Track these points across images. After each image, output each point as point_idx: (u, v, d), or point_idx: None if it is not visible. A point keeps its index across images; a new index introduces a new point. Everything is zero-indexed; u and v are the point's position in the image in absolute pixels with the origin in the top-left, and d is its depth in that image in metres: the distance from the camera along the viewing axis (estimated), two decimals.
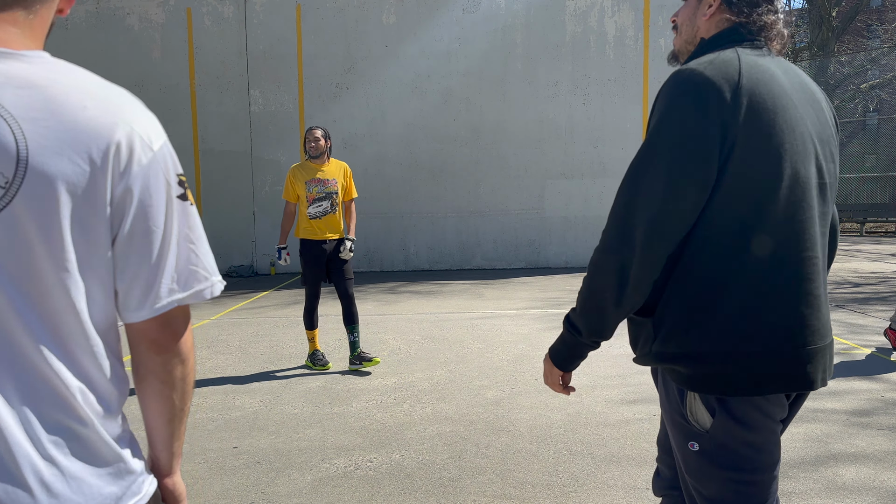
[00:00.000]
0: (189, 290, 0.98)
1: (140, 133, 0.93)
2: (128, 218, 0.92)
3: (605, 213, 12.34)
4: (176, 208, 0.97)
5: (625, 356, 5.58)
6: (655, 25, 12.10)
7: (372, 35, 12.09)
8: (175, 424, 1.07)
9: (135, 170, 0.91)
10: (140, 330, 0.98)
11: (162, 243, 0.95)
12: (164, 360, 1.01)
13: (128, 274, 0.94)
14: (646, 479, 3.24)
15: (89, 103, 0.89)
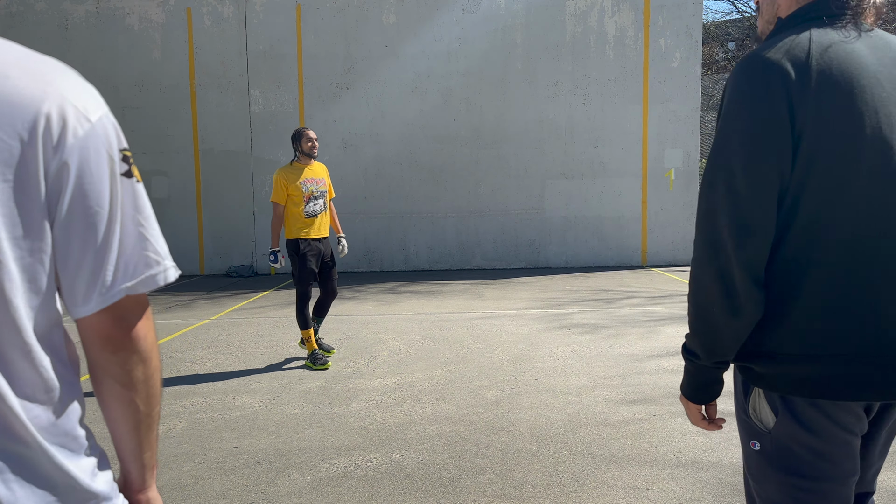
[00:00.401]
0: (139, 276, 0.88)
1: (74, 102, 0.83)
2: (65, 198, 0.82)
3: (605, 213, 12.40)
4: (121, 186, 0.87)
5: (625, 356, 5.58)
6: (655, 25, 12.10)
7: (372, 35, 12.09)
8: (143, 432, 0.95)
9: (69, 142, 0.81)
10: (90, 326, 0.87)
11: (107, 226, 0.85)
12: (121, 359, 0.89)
13: (70, 262, 0.84)
14: (646, 479, 3.24)
15: (14, 72, 0.80)
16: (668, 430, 3.87)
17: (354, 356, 5.78)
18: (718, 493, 3.08)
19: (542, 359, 5.55)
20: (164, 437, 3.94)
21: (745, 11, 31.62)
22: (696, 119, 12.28)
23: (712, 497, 3.04)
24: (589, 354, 5.67)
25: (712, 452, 3.54)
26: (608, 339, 6.26)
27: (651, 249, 12.42)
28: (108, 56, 12.00)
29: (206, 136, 12.27)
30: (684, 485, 3.17)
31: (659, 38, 12.12)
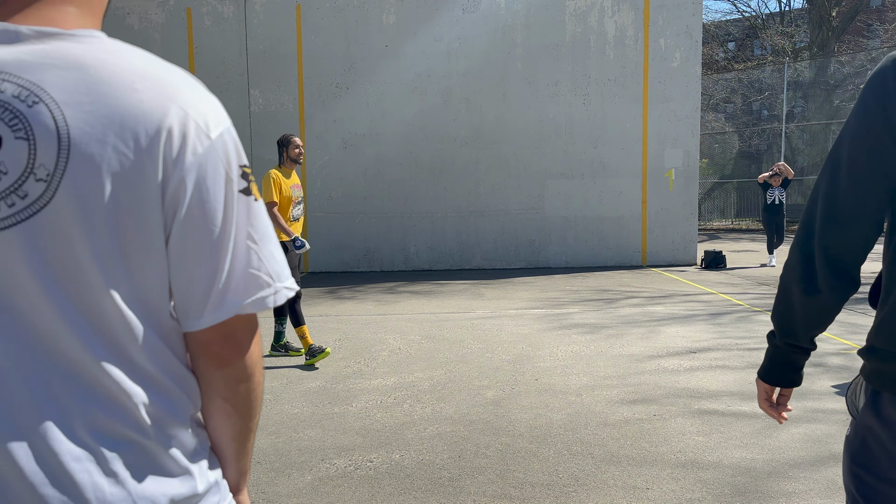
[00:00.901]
0: (250, 297, 0.86)
1: (195, 118, 0.83)
2: (181, 212, 0.82)
3: (605, 212, 12.41)
4: (237, 204, 0.86)
5: (625, 356, 5.58)
6: (655, 25, 12.10)
7: (372, 35, 12.09)
8: (240, 443, 0.97)
9: (189, 159, 0.82)
10: (199, 341, 0.88)
11: (220, 244, 0.84)
12: (226, 374, 0.90)
13: (183, 277, 0.84)
14: (646, 479, 3.24)
15: (140, 85, 0.80)
16: (668, 430, 3.87)
17: (354, 356, 5.78)
18: (718, 493, 3.08)
19: (542, 359, 5.55)
20: None
21: (745, 11, 31.61)
22: (696, 119, 12.28)
23: (712, 497, 3.04)
24: (589, 354, 5.67)
25: (712, 452, 3.54)
26: (608, 339, 6.26)
27: (651, 249, 12.42)
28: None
29: None
30: (684, 485, 3.17)
31: (659, 38, 12.11)
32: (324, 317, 7.68)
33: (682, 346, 5.93)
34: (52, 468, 0.78)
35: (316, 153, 12.28)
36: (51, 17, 0.82)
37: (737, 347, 5.82)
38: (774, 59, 27.55)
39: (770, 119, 26.26)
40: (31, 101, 0.77)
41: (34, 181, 0.77)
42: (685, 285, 9.77)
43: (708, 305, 7.99)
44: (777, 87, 24.59)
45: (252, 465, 3.50)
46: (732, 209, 25.48)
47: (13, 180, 0.76)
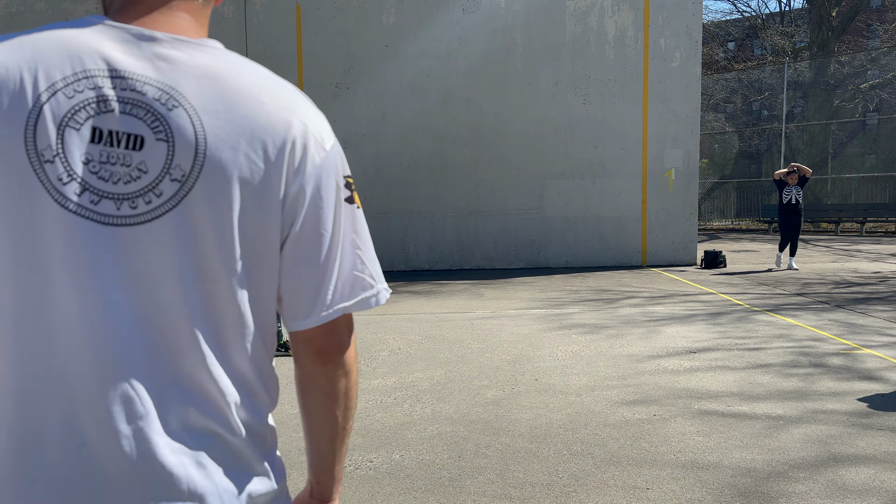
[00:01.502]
0: (355, 297, 0.93)
1: (313, 132, 0.89)
2: (299, 219, 0.87)
3: (605, 213, 12.41)
4: (344, 211, 0.92)
5: (625, 356, 5.57)
6: (655, 25, 12.10)
7: (372, 35, 12.08)
8: (338, 444, 1.00)
9: (308, 169, 0.87)
10: (306, 339, 0.93)
11: (329, 248, 0.90)
12: (329, 371, 0.95)
13: (294, 279, 0.90)
14: (646, 479, 3.23)
15: (267, 98, 0.86)
16: (668, 430, 3.86)
17: None
18: (718, 493, 3.07)
19: (542, 359, 5.55)
20: None
21: (745, 11, 31.62)
22: (696, 119, 12.28)
23: (712, 497, 3.04)
24: (589, 354, 5.67)
25: (712, 452, 3.54)
26: (608, 339, 6.26)
27: (651, 249, 12.41)
28: None
29: None
30: (684, 485, 3.16)
31: (659, 38, 12.11)
32: None
33: (682, 346, 5.93)
34: (149, 457, 0.81)
35: None
36: (176, 24, 0.86)
37: (737, 347, 5.82)
38: (774, 59, 27.55)
39: (770, 119, 26.26)
40: (171, 104, 0.81)
41: (169, 181, 0.81)
42: (685, 285, 9.77)
43: (708, 305, 7.99)
44: (777, 87, 24.59)
45: None
46: (732, 209, 25.48)
47: (152, 178, 0.81)
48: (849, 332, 6.38)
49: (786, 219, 11.37)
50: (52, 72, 0.80)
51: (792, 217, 11.31)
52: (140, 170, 0.80)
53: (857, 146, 25.52)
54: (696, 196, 12.54)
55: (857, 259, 12.94)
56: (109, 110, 0.80)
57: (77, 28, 0.84)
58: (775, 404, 4.29)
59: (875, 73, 25.08)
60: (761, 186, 24.60)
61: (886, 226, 19.71)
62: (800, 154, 24.19)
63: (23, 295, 0.80)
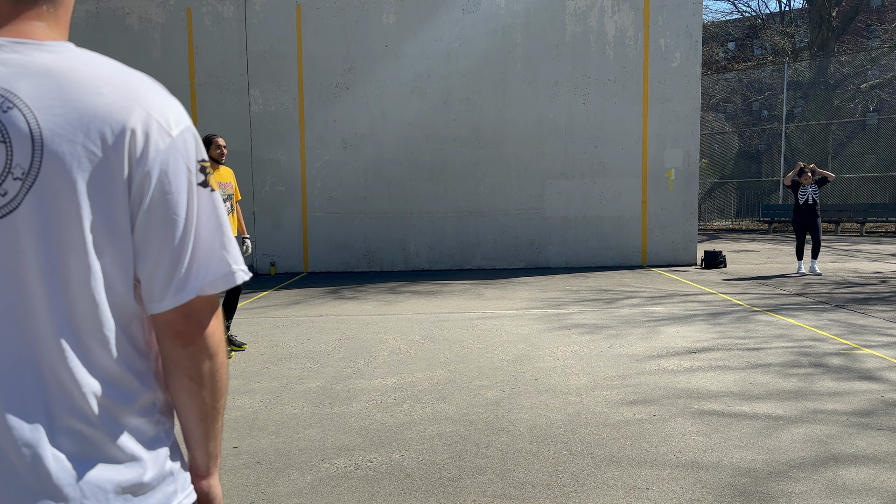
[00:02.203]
0: (210, 279, 0.95)
1: (157, 118, 0.91)
2: (145, 204, 0.90)
3: (605, 213, 12.41)
4: (197, 195, 0.94)
5: (625, 356, 5.58)
6: (655, 25, 12.10)
7: (372, 35, 12.09)
8: (208, 423, 1.02)
9: (152, 155, 0.89)
10: (164, 322, 0.95)
11: (183, 231, 0.92)
12: (190, 353, 0.96)
13: (148, 262, 0.92)
14: (646, 479, 3.24)
15: (105, 89, 0.88)
16: (668, 430, 3.87)
17: (354, 356, 5.78)
18: (718, 493, 3.08)
19: (542, 359, 5.55)
20: None
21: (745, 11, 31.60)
22: (696, 119, 12.28)
23: (712, 497, 3.04)
24: (589, 354, 5.67)
25: (712, 452, 3.54)
26: (608, 339, 6.26)
27: (651, 249, 12.41)
28: (107, 56, 11.98)
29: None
30: (684, 485, 3.17)
31: (659, 38, 12.11)
32: (324, 317, 7.68)
33: (682, 346, 5.93)
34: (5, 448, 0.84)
35: (316, 153, 12.28)
36: (22, 30, 0.89)
37: (737, 347, 5.82)
38: (774, 59, 27.54)
39: (770, 119, 26.26)
40: (6, 107, 0.84)
41: (12, 180, 0.84)
42: (685, 285, 9.77)
43: (708, 305, 7.99)
44: (777, 87, 24.58)
45: (252, 465, 3.50)
46: (732, 209, 25.48)
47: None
48: (849, 332, 6.38)
49: (801, 219, 10.72)
50: None
51: (808, 217, 10.64)
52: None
53: (857, 146, 25.53)
54: (696, 196, 12.54)
55: (857, 259, 12.94)
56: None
57: None
58: (775, 404, 4.29)
59: (875, 73, 25.08)
60: (761, 186, 24.60)
61: (886, 226, 19.71)
62: (800, 154, 24.19)
63: None
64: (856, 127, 25.47)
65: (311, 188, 12.30)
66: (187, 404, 1.00)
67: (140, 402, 0.94)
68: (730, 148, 28.50)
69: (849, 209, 19.79)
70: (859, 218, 19.03)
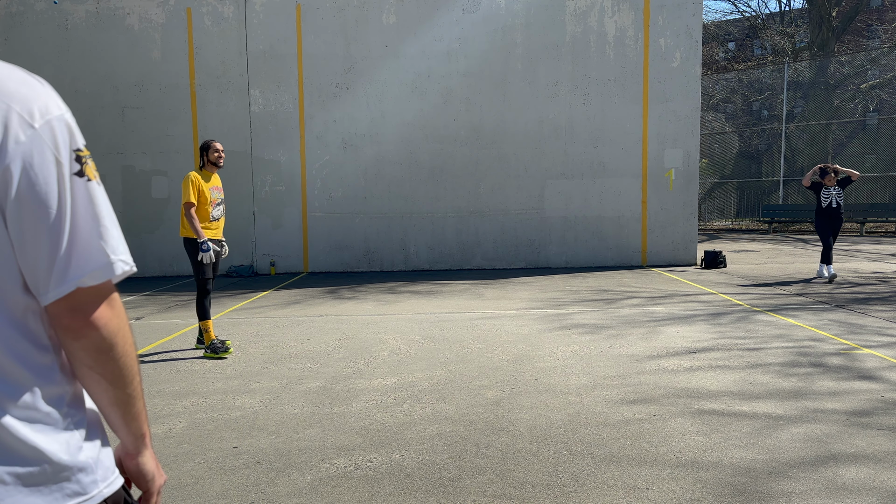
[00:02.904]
0: (89, 270, 0.93)
1: (18, 110, 0.90)
2: (11, 196, 0.88)
3: (605, 213, 12.40)
4: (70, 185, 0.92)
5: (625, 356, 5.58)
6: (655, 25, 12.10)
7: (372, 35, 12.09)
8: (121, 408, 1.01)
9: (11, 147, 0.88)
10: (52, 314, 0.94)
11: (56, 222, 0.91)
12: (83, 345, 0.95)
13: (27, 257, 0.91)
14: (646, 479, 3.24)
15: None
16: (668, 430, 3.87)
17: (354, 356, 5.78)
18: (718, 493, 3.08)
19: (542, 359, 5.55)
20: (164, 437, 3.94)
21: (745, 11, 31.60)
22: (696, 119, 12.28)
23: (712, 497, 3.04)
24: (589, 354, 5.67)
25: (712, 452, 3.54)
26: (608, 339, 6.26)
27: (651, 249, 12.42)
28: (108, 56, 12.00)
29: (206, 137, 12.26)
30: (684, 485, 3.17)
31: (659, 38, 12.12)
32: (324, 317, 7.68)
33: (682, 346, 5.93)
34: None
35: (316, 153, 12.28)
36: None
37: (737, 347, 5.82)
38: (774, 59, 27.54)
39: (770, 119, 26.25)
40: None
41: None
42: (685, 285, 9.77)
43: (708, 305, 7.99)
44: (777, 87, 24.58)
45: (252, 465, 3.50)
46: (732, 209, 25.48)
47: None
48: (848, 332, 6.39)
49: (826, 224, 10.04)
50: None
51: (834, 221, 10.05)
52: None
53: (857, 146, 25.52)
54: (696, 196, 12.54)
55: (857, 259, 12.94)
56: None
57: None
58: (775, 404, 4.30)
59: (875, 73, 25.08)
60: (761, 186, 24.60)
61: (886, 226, 19.70)
62: (800, 154, 24.19)
63: None
64: (856, 127, 25.47)
65: (311, 188, 12.30)
66: (95, 393, 0.99)
67: (44, 396, 0.93)
68: (730, 148, 28.50)
69: (849, 209, 19.79)
70: (859, 218, 19.02)
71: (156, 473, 1.11)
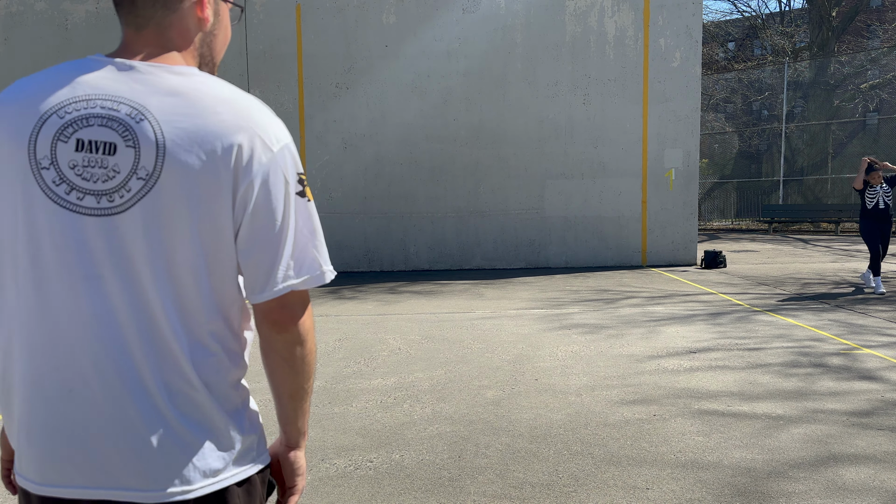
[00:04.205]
0: (302, 276, 1.09)
1: (261, 135, 1.06)
2: (248, 210, 1.05)
3: (605, 213, 12.41)
4: (293, 203, 1.09)
5: (625, 356, 5.58)
6: (655, 25, 12.10)
7: (372, 35, 12.09)
8: (297, 401, 1.18)
9: (255, 167, 1.04)
10: (263, 310, 1.10)
11: (279, 234, 1.07)
12: (284, 338, 1.11)
13: (250, 260, 1.07)
14: (646, 479, 3.24)
15: (221, 108, 1.05)
16: (668, 430, 3.87)
17: (354, 356, 5.78)
18: (718, 493, 3.08)
19: (542, 359, 5.55)
20: None
21: (745, 11, 31.60)
22: (696, 119, 12.28)
23: (712, 497, 3.04)
24: (589, 354, 5.67)
25: (712, 452, 3.54)
26: (608, 339, 6.26)
27: (651, 249, 12.42)
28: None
29: None
30: (684, 485, 3.17)
31: (659, 38, 12.11)
32: (324, 317, 7.68)
33: (682, 346, 5.93)
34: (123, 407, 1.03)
35: (316, 153, 12.28)
36: (157, 54, 1.10)
37: (737, 347, 5.82)
38: (774, 59, 27.54)
39: (770, 119, 26.25)
40: (139, 118, 1.02)
41: (136, 179, 1.01)
42: (685, 285, 9.77)
43: (708, 305, 7.99)
44: (777, 87, 24.58)
45: None
46: (732, 209, 25.48)
47: (123, 177, 1.01)
48: (849, 332, 6.39)
49: (873, 226, 8.94)
50: (54, 98, 1.04)
51: (882, 224, 8.94)
52: (114, 171, 1.01)
53: (857, 146, 25.51)
54: (696, 196, 12.54)
55: (857, 259, 12.93)
56: (91, 125, 1.02)
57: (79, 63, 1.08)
58: (775, 404, 4.29)
59: (875, 73, 25.08)
60: (761, 186, 24.61)
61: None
62: (800, 154, 24.19)
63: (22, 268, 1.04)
64: (856, 127, 25.47)
65: (311, 188, 12.26)
66: (280, 383, 1.15)
67: (231, 377, 1.11)
68: (730, 148, 28.50)
69: (849, 209, 19.77)
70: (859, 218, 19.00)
71: (304, 472, 1.24)
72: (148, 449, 1.03)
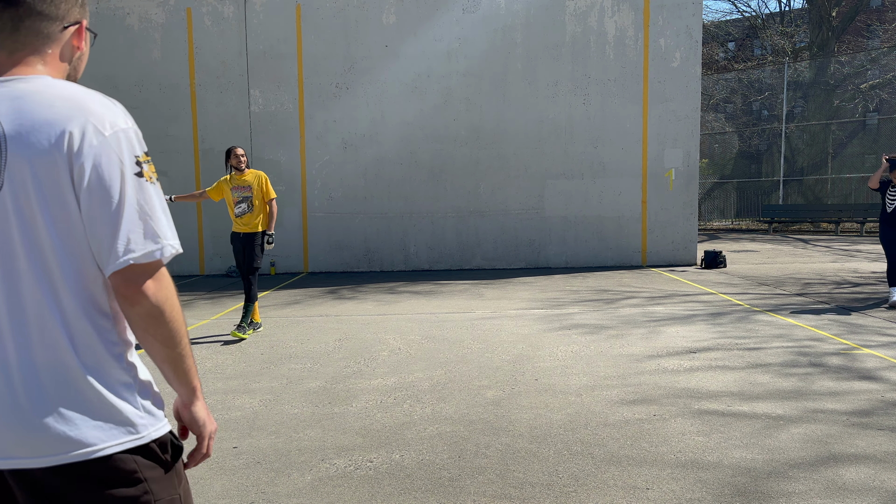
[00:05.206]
0: (140, 251, 1.17)
1: (93, 122, 1.18)
2: (83, 186, 1.15)
3: (605, 212, 12.41)
4: (130, 183, 1.19)
5: (625, 356, 5.58)
6: (655, 25, 12.10)
7: (372, 35, 12.09)
8: (173, 365, 1.26)
9: (86, 150, 1.16)
10: (112, 285, 1.19)
11: (117, 211, 1.16)
12: (137, 312, 1.19)
13: (95, 236, 1.17)
14: (646, 479, 3.24)
15: (58, 103, 1.18)
16: (668, 430, 3.87)
17: (354, 356, 5.78)
18: (718, 493, 3.08)
19: (542, 359, 5.55)
20: None
21: (745, 11, 31.59)
22: (696, 119, 12.28)
23: (712, 497, 3.04)
24: (589, 354, 5.67)
25: (712, 452, 3.54)
26: (608, 339, 6.26)
27: (651, 249, 12.42)
28: (108, 56, 11.99)
29: (206, 136, 12.27)
30: (684, 485, 3.17)
31: (659, 38, 12.11)
32: (324, 317, 7.68)
33: (682, 346, 5.93)
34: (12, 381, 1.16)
35: (316, 153, 12.28)
36: (20, 70, 1.23)
37: (737, 347, 5.82)
38: (774, 59, 27.54)
39: (770, 119, 26.25)
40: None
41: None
42: (685, 285, 9.77)
43: (708, 305, 7.99)
44: (777, 87, 24.58)
45: (252, 465, 3.50)
46: (732, 209, 25.48)
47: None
48: (848, 332, 6.39)
49: (891, 232, 7.92)
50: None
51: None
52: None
53: (857, 146, 25.52)
54: (696, 196, 12.54)
55: (857, 259, 12.94)
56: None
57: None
58: (775, 404, 4.30)
59: (875, 73, 25.08)
60: (761, 186, 24.60)
61: None
62: (800, 154, 24.19)
63: None
64: (856, 127, 25.47)
65: (311, 188, 12.30)
66: (151, 352, 1.24)
67: (110, 351, 1.20)
68: (730, 148, 28.50)
69: (849, 209, 19.79)
70: (859, 218, 19.02)
71: (206, 420, 1.35)
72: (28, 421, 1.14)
